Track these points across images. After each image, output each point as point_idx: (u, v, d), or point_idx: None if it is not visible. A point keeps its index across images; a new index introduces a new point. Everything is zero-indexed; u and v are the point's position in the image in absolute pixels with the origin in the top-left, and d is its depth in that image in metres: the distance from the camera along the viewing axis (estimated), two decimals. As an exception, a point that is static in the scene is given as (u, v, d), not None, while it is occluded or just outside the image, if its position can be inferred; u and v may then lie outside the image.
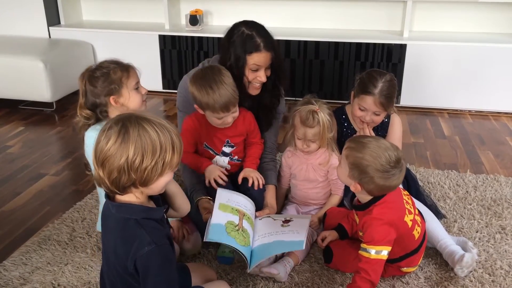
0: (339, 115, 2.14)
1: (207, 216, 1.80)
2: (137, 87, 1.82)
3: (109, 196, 1.24)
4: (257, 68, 1.89)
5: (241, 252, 1.66)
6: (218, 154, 1.99)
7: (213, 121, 1.87)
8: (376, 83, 1.93)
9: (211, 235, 1.66)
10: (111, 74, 1.74)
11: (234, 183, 1.98)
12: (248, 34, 1.86)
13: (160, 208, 1.27)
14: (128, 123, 1.14)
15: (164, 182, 1.20)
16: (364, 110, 1.97)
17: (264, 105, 2.04)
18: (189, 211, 1.99)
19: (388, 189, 1.55)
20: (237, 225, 1.73)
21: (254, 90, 1.96)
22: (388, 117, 2.10)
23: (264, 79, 1.92)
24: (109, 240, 1.25)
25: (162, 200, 1.32)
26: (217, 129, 1.93)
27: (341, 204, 2.07)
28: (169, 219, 1.80)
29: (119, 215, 1.21)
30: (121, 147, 1.12)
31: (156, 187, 1.20)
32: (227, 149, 1.99)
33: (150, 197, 1.27)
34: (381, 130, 2.10)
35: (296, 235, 1.74)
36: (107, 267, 1.30)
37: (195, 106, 1.85)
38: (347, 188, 2.00)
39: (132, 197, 1.22)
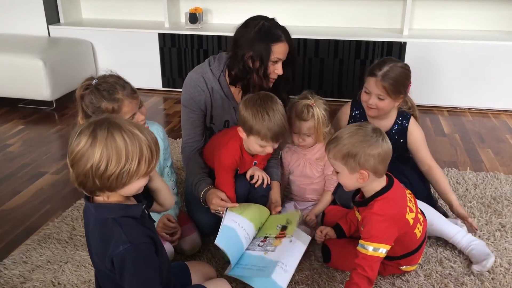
0: (357, 105, 2.12)
1: (219, 202, 1.76)
2: (132, 118, 1.70)
3: (88, 197, 1.24)
4: (277, 60, 1.89)
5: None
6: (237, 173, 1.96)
7: (254, 147, 1.82)
8: (383, 66, 1.92)
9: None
10: (101, 107, 1.66)
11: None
12: (269, 25, 1.87)
13: (138, 205, 1.25)
14: (98, 129, 1.13)
15: (135, 187, 1.20)
16: (368, 93, 1.97)
17: None
18: (191, 211, 2.02)
19: (387, 155, 1.53)
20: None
21: (269, 83, 1.95)
22: (407, 120, 2.05)
23: (281, 71, 1.91)
24: (91, 240, 1.25)
25: (145, 195, 1.31)
26: (250, 155, 1.91)
27: (335, 202, 2.07)
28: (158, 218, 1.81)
29: (97, 215, 1.21)
30: (88, 152, 1.11)
31: (126, 191, 1.20)
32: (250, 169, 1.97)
33: None
34: (401, 136, 2.05)
35: (280, 270, 1.58)
36: (95, 266, 1.31)
37: (238, 128, 1.81)
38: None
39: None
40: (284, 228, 1.79)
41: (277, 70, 1.90)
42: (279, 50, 1.87)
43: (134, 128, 1.16)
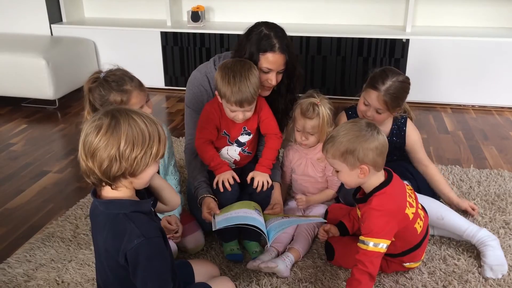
0: (352, 112, 2.13)
1: (206, 216, 1.80)
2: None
3: (95, 194, 1.25)
4: (268, 71, 1.89)
5: (253, 226, 1.67)
6: (231, 143, 1.98)
7: (227, 111, 1.87)
8: (386, 80, 1.90)
9: (219, 225, 1.67)
10: (110, 99, 1.67)
11: (240, 183, 1.95)
12: (266, 33, 1.87)
13: (148, 200, 1.27)
14: (118, 114, 1.16)
15: (150, 172, 1.23)
16: (367, 105, 1.96)
17: (279, 110, 2.05)
18: (194, 209, 2.02)
19: (384, 148, 1.54)
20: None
21: (264, 91, 1.95)
22: (404, 124, 2.07)
23: (274, 82, 1.92)
24: (99, 238, 1.26)
25: (148, 194, 1.33)
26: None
27: (338, 201, 2.08)
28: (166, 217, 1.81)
29: (108, 211, 1.22)
30: (112, 137, 1.14)
31: (144, 178, 1.22)
32: (243, 138, 1.97)
33: (136, 192, 1.28)
34: (399, 139, 2.07)
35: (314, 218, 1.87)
36: (100, 265, 1.31)
37: (216, 92, 1.85)
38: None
39: (118, 192, 1.22)
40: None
41: (270, 80, 1.90)
42: (269, 60, 1.86)
43: (146, 113, 1.22)
